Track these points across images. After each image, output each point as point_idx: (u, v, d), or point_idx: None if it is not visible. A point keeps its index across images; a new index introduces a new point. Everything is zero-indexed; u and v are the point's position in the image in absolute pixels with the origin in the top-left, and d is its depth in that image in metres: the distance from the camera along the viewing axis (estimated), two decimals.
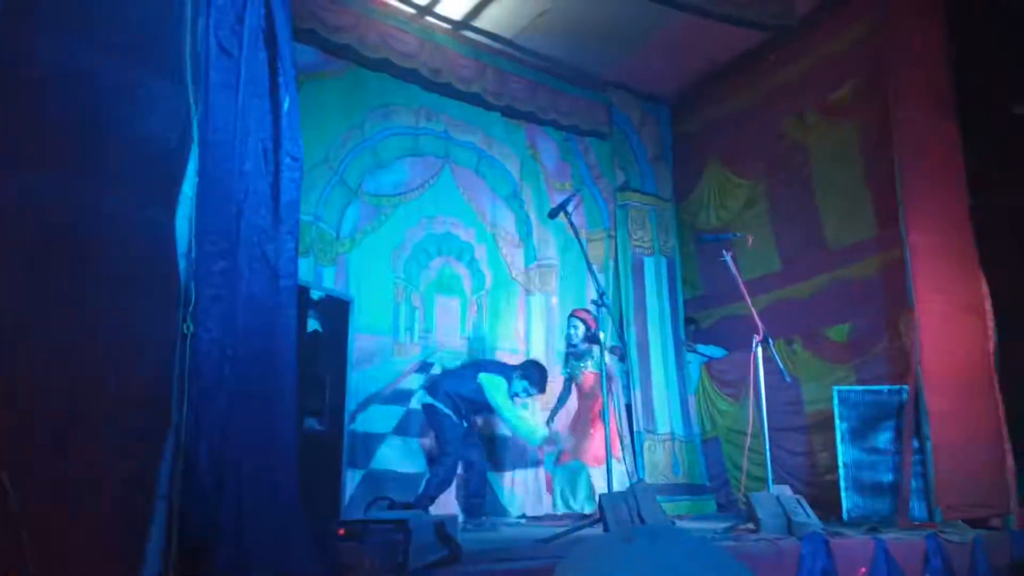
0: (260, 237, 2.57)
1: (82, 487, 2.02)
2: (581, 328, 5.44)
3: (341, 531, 2.55)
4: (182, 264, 2.37)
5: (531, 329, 6.51)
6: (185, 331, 2.32)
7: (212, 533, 2.20)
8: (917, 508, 4.72)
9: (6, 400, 1.89)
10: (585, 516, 4.89)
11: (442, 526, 2.80)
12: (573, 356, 5.61)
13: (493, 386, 5.09)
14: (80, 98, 2.20)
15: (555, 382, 5.75)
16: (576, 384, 5.64)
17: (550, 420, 5.71)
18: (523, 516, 5.90)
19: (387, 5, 5.90)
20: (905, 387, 4.94)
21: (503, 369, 5.27)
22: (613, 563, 0.79)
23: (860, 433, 5.00)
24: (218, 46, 2.55)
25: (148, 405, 2.22)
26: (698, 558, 0.83)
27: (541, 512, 5.94)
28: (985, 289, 5.08)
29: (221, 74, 2.55)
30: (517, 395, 5.20)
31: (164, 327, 2.31)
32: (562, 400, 5.76)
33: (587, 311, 5.57)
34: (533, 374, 5.24)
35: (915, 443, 4.82)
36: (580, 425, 5.52)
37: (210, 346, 2.34)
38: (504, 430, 5.96)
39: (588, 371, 5.47)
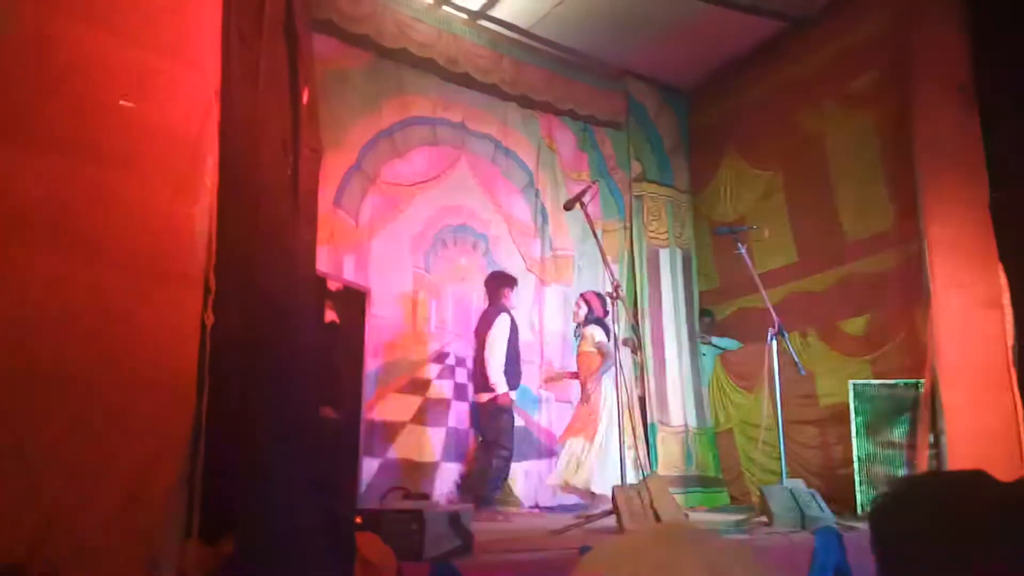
0: (279, 227, 2.59)
1: (99, 471, 2.04)
2: (583, 308, 5.46)
3: (358, 519, 2.58)
4: (201, 253, 2.40)
5: (546, 319, 6.52)
6: (205, 321, 2.34)
7: (230, 519, 2.23)
8: None
9: (26, 384, 1.92)
10: (593, 496, 4.94)
11: (456, 517, 2.83)
12: (575, 335, 5.64)
13: (498, 323, 5.23)
14: (96, 84, 2.21)
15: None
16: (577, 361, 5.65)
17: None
18: (535, 506, 5.92)
19: None
20: (921, 381, 4.93)
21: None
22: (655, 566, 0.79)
23: (875, 427, 4.99)
24: (239, 36, 2.56)
25: (168, 390, 2.25)
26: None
27: (553, 503, 5.96)
28: (1004, 283, 5.04)
29: (241, 64, 2.56)
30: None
31: (183, 315, 2.33)
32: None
33: (595, 293, 5.59)
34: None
35: (930, 437, 4.80)
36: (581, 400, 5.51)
37: (230, 334, 2.37)
38: (518, 421, 5.98)
39: (582, 350, 5.46)
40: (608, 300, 5.40)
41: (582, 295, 5.64)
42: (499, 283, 5.50)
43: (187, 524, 2.21)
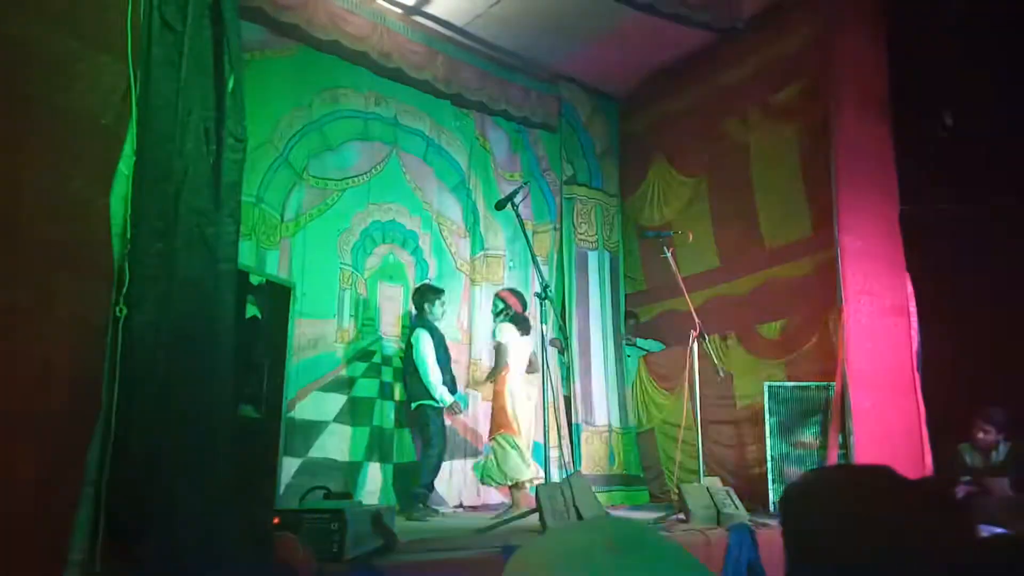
0: (200, 219, 2.50)
1: (3, 472, 1.95)
2: (499, 306, 5.44)
3: (276, 520, 2.52)
4: (116, 244, 2.30)
5: (475, 319, 6.52)
6: (118, 313, 2.26)
7: (142, 521, 2.15)
8: None
9: None
10: (514, 488, 5.00)
11: (378, 516, 2.80)
12: (492, 330, 5.65)
13: (418, 340, 5.29)
14: (10, 67, 2.11)
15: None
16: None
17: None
18: (460, 505, 5.92)
19: None
20: (832, 384, 5.13)
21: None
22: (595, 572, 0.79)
23: (788, 427, 5.19)
24: (161, 20, 2.47)
25: (76, 388, 2.16)
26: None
27: (477, 502, 5.97)
28: (910, 292, 5.31)
29: (164, 49, 2.47)
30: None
31: (95, 308, 2.24)
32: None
33: (511, 291, 5.58)
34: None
35: (840, 438, 5.01)
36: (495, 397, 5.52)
37: (144, 329, 2.28)
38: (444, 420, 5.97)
39: (495, 343, 5.49)
40: (527, 297, 5.47)
41: (497, 293, 5.63)
42: (421, 297, 5.52)
43: (96, 526, 2.12)
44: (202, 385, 2.40)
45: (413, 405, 5.36)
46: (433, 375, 5.24)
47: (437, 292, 5.59)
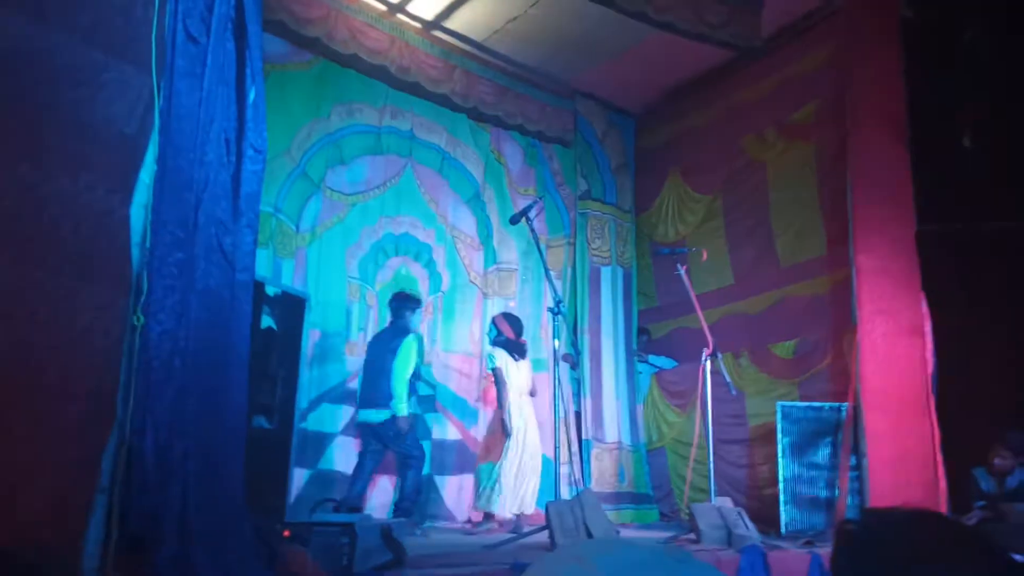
0: (218, 229, 2.53)
1: (21, 477, 1.96)
2: (493, 332, 5.40)
3: (286, 532, 2.52)
4: (135, 253, 2.33)
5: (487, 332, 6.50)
6: (135, 322, 2.27)
7: (154, 528, 2.16)
8: None
9: None
10: (491, 518, 4.95)
11: (388, 530, 2.79)
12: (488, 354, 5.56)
13: (410, 347, 5.06)
14: (35, 78, 2.14)
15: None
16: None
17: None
18: (468, 521, 5.89)
19: (358, 1, 5.86)
20: (845, 405, 5.08)
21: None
22: None
23: (800, 448, 5.13)
24: (185, 33, 2.51)
25: (92, 396, 2.17)
26: None
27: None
28: (926, 312, 5.26)
29: (187, 61, 2.51)
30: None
31: (113, 317, 2.26)
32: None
33: (504, 317, 5.51)
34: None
35: (852, 460, 4.96)
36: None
37: (161, 338, 2.30)
38: (454, 434, 5.97)
39: (486, 371, 5.44)
40: (518, 324, 5.40)
41: (492, 318, 5.57)
42: (402, 304, 5.31)
43: (109, 532, 2.13)
44: (217, 395, 2.41)
45: (380, 417, 4.96)
46: (401, 384, 4.97)
47: (417, 302, 5.47)
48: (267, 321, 3.31)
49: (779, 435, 5.16)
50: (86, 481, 2.13)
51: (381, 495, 5.55)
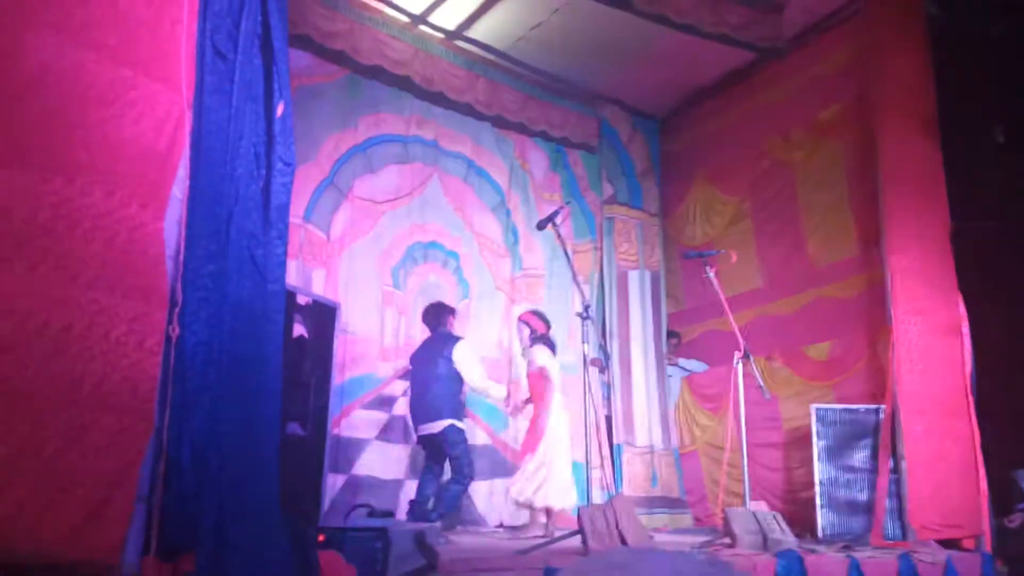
0: (250, 241, 2.57)
1: (58, 488, 2.00)
2: (526, 331, 5.32)
3: (321, 537, 2.55)
4: (170, 266, 2.37)
5: (515, 339, 6.50)
6: (170, 333, 2.31)
7: (192, 537, 2.19)
8: (891, 527, 4.78)
9: None
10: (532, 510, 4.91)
11: (421, 535, 2.81)
12: (523, 355, 5.51)
13: (464, 355, 5.02)
14: (66, 96, 2.19)
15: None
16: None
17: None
18: (500, 525, 5.90)
19: (381, 13, 5.93)
20: (882, 407, 5.00)
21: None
22: None
23: (836, 451, 5.06)
24: (213, 49, 2.55)
25: (128, 407, 2.21)
26: None
27: (520, 522, 5.93)
28: (963, 312, 5.16)
29: (215, 78, 2.55)
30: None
31: (148, 329, 2.30)
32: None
33: (533, 313, 5.47)
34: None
35: (890, 463, 4.88)
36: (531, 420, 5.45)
37: (196, 348, 2.34)
38: (483, 439, 5.98)
39: (530, 372, 5.44)
40: (546, 318, 5.38)
41: (520, 317, 5.51)
42: (439, 313, 5.27)
43: (148, 541, 2.17)
44: (251, 403, 2.45)
45: (439, 428, 4.93)
46: (485, 380, 5.06)
47: (452, 309, 5.44)
48: (298, 329, 3.35)
49: (814, 438, 5.09)
50: (125, 491, 2.17)
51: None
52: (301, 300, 3.58)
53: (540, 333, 5.26)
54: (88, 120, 2.22)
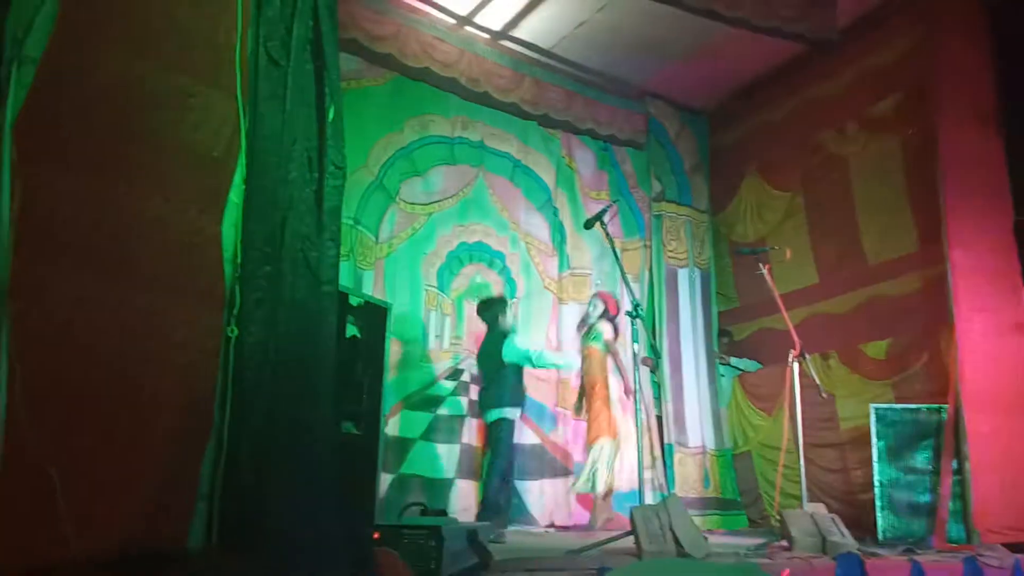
0: (304, 243, 2.61)
1: (121, 487, 2.06)
2: (600, 307, 5.53)
3: (376, 535, 2.58)
4: (227, 269, 2.42)
5: (563, 337, 6.50)
6: (229, 334, 2.37)
7: (252, 534, 2.23)
8: (955, 530, 4.63)
9: (52, 401, 1.94)
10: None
11: (474, 534, 2.82)
12: (586, 332, 5.63)
13: (512, 345, 5.14)
14: (129, 105, 2.25)
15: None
16: (583, 360, 5.63)
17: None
18: (551, 525, 5.89)
19: (428, 15, 5.98)
20: (944, 406, 4.85)
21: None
22: None
23: (897, 452, 4.92)
24: (267, 57, 2.60)
25: (189, 407, 2.26)
26: None
27: (569, 522, 5.92)
28: None
29: (270, 84, 2.60)
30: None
31: (206, 330, 2.35)
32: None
33: (611, 294, 5.70)
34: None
35: (954, 464, 4.73)
36: (589, 402, 5.47)
37: (253, 349, 2.38)
38: (533, 439, 5.98)
39: (591, 347, 5.47)
40: (620, 304, 5.50)
41: (598, 293, 5.76)
42: (493, 309, 5.37)
43: (209, 538, 2.22)
44: (307, 402, 2.49)
45: (490, 419, 5.13)
46: (527, 358, 5.14)
47: (504, 301, 5.55)
48: (351, 330, 3.40)
49: (874, 438, 4.96)
50: (187, 489, 2.22)
51: (463, 499, 5.60)
52: (353, 301, 3.63)
53: (612, 314, 5.47)
54: (149, 127, 2.29)
